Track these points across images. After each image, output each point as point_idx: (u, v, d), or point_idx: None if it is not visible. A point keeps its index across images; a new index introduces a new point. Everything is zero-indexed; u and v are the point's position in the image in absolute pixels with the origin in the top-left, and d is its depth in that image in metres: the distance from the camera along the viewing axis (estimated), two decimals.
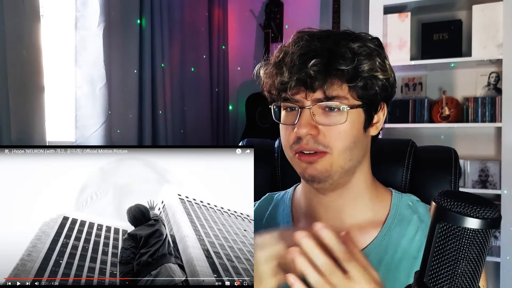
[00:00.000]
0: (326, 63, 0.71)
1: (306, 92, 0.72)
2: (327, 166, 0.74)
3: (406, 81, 2.69)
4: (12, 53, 1.63)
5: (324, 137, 0.73)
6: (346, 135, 0.73)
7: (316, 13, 3.01)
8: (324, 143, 0.73)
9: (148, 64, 2.34)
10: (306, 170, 0.75)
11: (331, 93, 0.72)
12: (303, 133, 0.72)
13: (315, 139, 0.73)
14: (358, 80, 0.72)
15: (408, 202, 0.83)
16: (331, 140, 0.73)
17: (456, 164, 0.96)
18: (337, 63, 0.71)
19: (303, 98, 0.73)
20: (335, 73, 0.71)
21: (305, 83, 0.71)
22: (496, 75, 2.45)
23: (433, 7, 2.49)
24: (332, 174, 0.75)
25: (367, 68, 0.72)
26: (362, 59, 0.72)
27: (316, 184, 0.77)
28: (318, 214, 0.82)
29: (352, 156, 0.75)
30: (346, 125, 0.73)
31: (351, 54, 0.71)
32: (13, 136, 1.63)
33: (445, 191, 0.46)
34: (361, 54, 0.72)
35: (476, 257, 0.43)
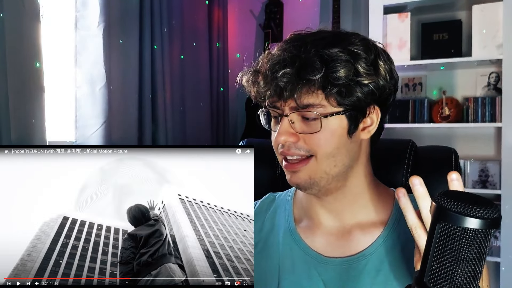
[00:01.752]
0: (296, 73, 0.70)
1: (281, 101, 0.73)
2: (311, 174, 0.74)
3: (406, 81, 2.69)
4: (12, 53, 1.63)
5: (304, 142, 0.73)
6: (326, 142, 0.73)
7: (316, 13, 3.01)
8: (305, 149, 0.73)
9: (148, 64, 2.34)
10: (291, 179, 0.76)
11: (303, 102, 0.71)
12: (281, 140, 0.73)
13: (296, 146, 0.73)
14: (330, 87, 0.70)
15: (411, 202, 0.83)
16: (312, 146, 0.73)
17: (456, 164, 0.96)
18: (306, 73, 0.69)
19: (281, 106, 0.74)
20: (306, 82, 0.70)
21: (277, 93, 0.72)
22: (496, 75, 2.45)
23: (433, 7, 2.49)
24: (317, 181, 0.75)
25: (343, 75, 0.69)
26: (337, 66, 0.70)
27: (303, 190, 0.77)
28: (319, 214, 0.82)
29: (337, 162, 0.74)
30: (324, 133, 0.72)
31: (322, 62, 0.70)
32: (13, 136, 1.63)
33: (445, 191, 0.46)
34: (336, 61, 0.70)
35: (476, 257, 0.43)
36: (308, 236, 0.82)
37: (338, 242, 0.80)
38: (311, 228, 0.82)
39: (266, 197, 0.92)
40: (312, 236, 0.82)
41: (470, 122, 2.42)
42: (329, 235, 0.81)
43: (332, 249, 0.79)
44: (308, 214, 0.84)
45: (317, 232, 0.82)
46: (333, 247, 0.80)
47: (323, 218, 0.82)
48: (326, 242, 0.80)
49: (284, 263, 0.81)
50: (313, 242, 0.81)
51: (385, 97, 0.76)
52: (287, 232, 0.84)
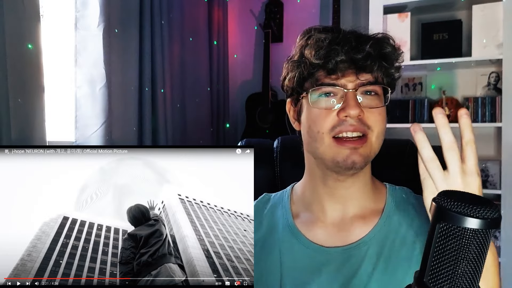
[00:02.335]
0: (378, 45, 0.76)
1: (356, 74, 0.75)
2: (368, 151, 0.76)
3: (406, 81, 2.69)
4: (12, 53, 1.63)
5: (368, 118, 0.75)
6: (383, 119, 0.77)
7: (316, 13, 3.01)
8: (368, 124, 0.75)
9: (148, 64, 2.34)
10: (350, 156, 0.75)
11: (379, 77, 0.76)
12: (355, 113, 0.74)
13: (361, 121, 0.75)
14: (393, 66, 0.78)
15: (402, 194, 0.86)
16: (373, 121, 0.75)
17: None
18: (385, 47, 0.76)
19: (348, 81, 0.75)
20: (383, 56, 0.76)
21: (358, 64, 0.74)
22: (496, 75, 2.45)
23: (433, 7, 2.49)
24: (369, 160, 0.78)
25: (397, 57, 0.78)
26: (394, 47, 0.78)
27: (353, 170, 0.77)
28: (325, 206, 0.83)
29: (382, 142, 0.78)
30: (384, 109, 0.77)
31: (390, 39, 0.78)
32: (13, 136, 1.63)
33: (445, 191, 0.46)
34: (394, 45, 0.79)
35: (476, 257, 0.43)
36: (309, 229, 0.83)
37: (339, 233, 0.81)
38: (311, 222, 0.84)
39: (262, 197, 0.93)
40: (313, 229, 0.83)
41: None
42: (331, 227, 0.82)
43: (333, 240, 0.81)
44: (311, 208, 0.85)
45: (318, 225, 0.83)
46: (334, 237, 0.81)
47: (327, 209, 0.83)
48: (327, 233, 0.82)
49: (286, 260, 0.82)
50: (314, 235, 0.82)
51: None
52: (286, 228, 0.84)
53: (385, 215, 0.81)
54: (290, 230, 0.84)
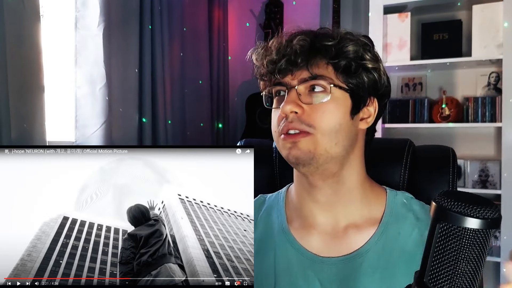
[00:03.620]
0: (311, 41, 0.74)
1: (293, 72, 0.75)
2: (310, 147, 0.74)
3: (406, 81, 2.69)
4: (12, 53, 1.63)
5: (309, 116, 0.73)
6: (331, 115, 0.74)
7: (316, 13, 3.01)
8: (308, 122, 0.73)
9: (148, 64, 2.34)
10: (291, 151, 0.75)
11: (315, 72, 0.74)
12: (288, 109, 0.73)
13: (300, 118, 0.74)
14: (341, 58, 0.74)
15: (403, 199, 0.83)
16: (315, 119, 0.73)
17: (454, 164, 0.96)
18: (322, 40, 0.74)
19: (290, 79, 0.75)
20: (319, 49, 0.74)
21: (291, 61, 0.74)
22: (496, 75, 2.45)
23: (433, 7, 2.49)
24: (316, 156, 0.74)
25: (352, 49, 0.75)
26: (347, 41, 0.75)
27: (301, 167, 0.76)
28: (313, 212, 0.81)
29: (338, 141, 0.75)
30: (330, 105, 0.74)
31: (337, 36, 0.75)
32: (13, 136, 1.63)
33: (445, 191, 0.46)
34: (346, 40, 0.75)
35: (476, 257, 0.43)
36: (303, 236, 0.81)
37: (333, 242, 0.79)
38: (304, 228, 0.82)
39: (257, 198, 0.92)
40: (306, 236, 0.81)
41: (470, 122, 2.42)
42: (324, 234, 0.80)
43: (328, 249, 0.79)
44: (301, 214, 0.83)
45: (311, 232, 0.81)
46: (328, 246, 0.79)
47: (316, 216, 0.81)
48: (321, 241, 0.80)
49: (280, 264, 0.81)
50: (308, 242, 0.80)
51: (382, 94, 0.80)
52: (281, 233, 0.83)
53: (383, 225, 0.79)
54: (285, 235, 0.82)
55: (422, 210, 0.81)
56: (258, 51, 0.80)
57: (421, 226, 0.78)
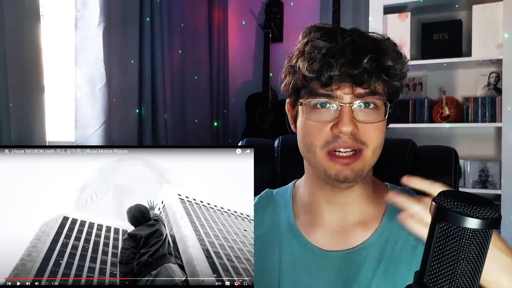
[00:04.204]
0: (377, 59, 0.71)
1: (352, 88, 0.71)
2: (361, 167, 0.74)
3: (406, 81, 2.68)
4: (12, 53, 1.63)
5: (364, 134, 0.72)
6: (381, 133, 0.74)
7: (316, 13, 3.01)
8: (362, 141, 0.72)
9: (148, 64, 2.34)
10: (341, 172, 0.73)
11: (377, 89, 0.73)
12: (348, 130, 0.71)
13: (355, 137, 0.72)
14: (396, 77, 0.73)
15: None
16: (368, 137, 0.72)
17: (456, 164, 0.96)
18: (385, 59, 0.72)
19: (344, 94, 0.72)
20: (383, 69, 0.72)
21: (355, 78, 0.70)
22: (496, 75, 2.45)
23: (433, 7, 2.49)
24: (363, 173, 0.75)
25: (401, 67, 0.74)
26: (399, 57, 0.75)
27: (346, 184, 0.75)
28: (322, 212, 0.82)
29: (378, 155, 0.76)
30: (382, 124, 0.74)
31: (394, 52, 0.74)
32: (13, 136, 1.63)
33: (445, 191, 0.46)
34: (398, 53, 0.75)
35: (476, 257, 0.43)
36: (309, 232, 0.82)
37: (338, 237, 0.80)
38: (311, 224, 0.83)
39: (264, 192, 0.92)
40: (313, 232, 0.82)
41: (470, 122, 2.42)
42: (331, 231, 0.81)
43: (333, 244, 0.80)
44: (310, 210, 0.84)
45: (318, 228, 0.82)
46: (334, 241, 0.80)
47: (326, 214, 0.82)
48: (327, 237, 0.81)
49: (285, 259, 0.81)
50: (314, 237, 0.81)
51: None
52: (287, 228, 0.84)
53: (385, 219, 0.80)
54: (291, 230, 0.83)
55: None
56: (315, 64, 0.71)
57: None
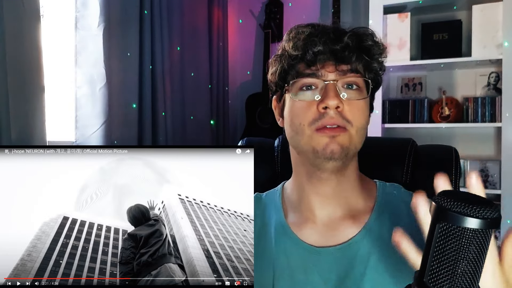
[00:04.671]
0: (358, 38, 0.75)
1: (335, 65, 0.74)
2: (347, 142, 0.74)
3: (406, 81, 2.69)
4: (12, 53, 1.63)
5: (348, 112, 0.74)
6: (364, 113, 0.76)
7: (316, 13, 3.01)
8: (347, 118, 0.74)
9: (148, 64, 2.34)
10: (329, 145, 0.74)
11: (358, 68, 0.75)
12: (334, 104, 0.72)
13: (341, 114, 0.73)
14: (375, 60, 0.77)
15: (393, 191, 0.85)
16: (353, 115, 0.74)
17: (456, 164, 0.96)
18: (365, 40, 0.75)
19: (328, 72, 0.75)
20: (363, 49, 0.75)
21: (337, 54, 0.74)
22: (496, 75, 2.45)
23: (433, 7, 2.49)
24: (349, 152, 0.75)
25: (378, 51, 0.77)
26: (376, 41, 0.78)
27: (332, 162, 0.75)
28: (312, 205, 0.83)
29: (362, 138, 0.77)
30: (365, 102, 0.76)
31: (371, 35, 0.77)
32: (13, 136, 1.63)
33: (445, 191, 0.46)
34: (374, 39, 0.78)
35: (476, 257, 0.43)
36: (300, 229, 0.83)
37: (329, 232, 0.81)
38: (302, 221, 0.83)
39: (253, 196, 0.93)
40: (304, 229, 0.82)
41: (470, 122, 2.42)
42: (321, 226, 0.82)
43: (325, 239, 0.80)
44: (299, 207, 0.84)
45: (309, 225, 0.82)
46: (325, 237, 0.81)
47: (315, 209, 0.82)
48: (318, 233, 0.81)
49: (279, 259, 0.81)
50: (305, 234, 0.82)
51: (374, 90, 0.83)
52: (279, 228, 0.84)
53: (375, 214, 0.81)
54: (283, 229, 0.83)
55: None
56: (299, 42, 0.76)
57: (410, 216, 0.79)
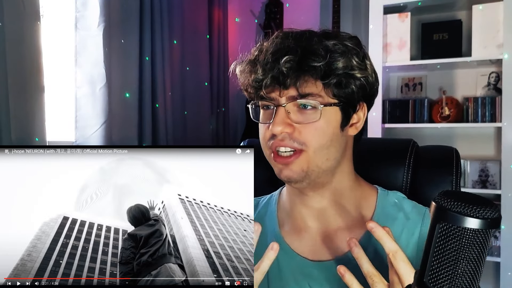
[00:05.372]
0: (299, 60, 0.70)
1: (280, 90, 0.72)
2: (303, 166, 0.73)
3: (406, 81, 2.69)
4: (12, 53, 1.63)
5: (300, 134, 0.72)
6: (322, 133, 0.73)
7: (316, 13, 3.01)
8: (299, 140, 0.72)
9: (148, 64, 2.34)
10: (282, 171, 0.74)
11: (304, 91, 0.72)
12: (278, 131, 0.72)
13: (291, 137, 0.72)
14: (331, 77, 0.71)
15: (394, 199, 0.82)
16: (307, 137, 0.72)
17: (457, 164, 0.96)
18: (310, 60, 0.70)
19: (277, 96, 0.73)
20: (308, 69, 0.70)
21: (278, 80, 0.71)
22: (496, 75, 2.45)
23: (433, 7, 2.49)
24: (309, 174, 0.74)
25: (342, 65, 0.71)
26: (336, 56, 0.71)
27: (293, 184, 0.76)
28: (303, 217, 0.81)
29: (329, 156, 0.74)
30: (321, 123, 0.72)
31: (324, 51, 0.71)
32: (13, 136, 1.63)
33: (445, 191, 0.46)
34: (336, 52, 0.72)
35: (476, 257, 0.43)
36: (294, 240, 0.81)
37: (323, 245, 0.79)
38: (295, 232, 0.82)
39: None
40: (297, 240, 0.81)
41: (470, 122, 2.42)
42: (315, 237, 0.80)
43: (318, 252, 0.79)
44: (292, 217, 0.83)
45: (302, 235, 0.81)
46: (319, 250, 0.79)
47: (307, 220, 0.81)
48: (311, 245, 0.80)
49: (271, 269, 0.79)
50: (299, 246, 0.80)
51: (371, 94, 0.78)
52: (272, 237, 0.83)
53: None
54: (276, 239, 0.82)
55: (414, 209, 0.80)
56: (243, 66, 0.77)
57: (410, 226, 0.77)
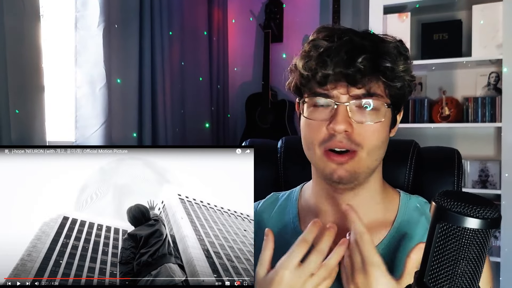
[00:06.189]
0: (373, 60, 0.70)
1: (347, 88, 0.71)
2: (356, 167, 0.73)
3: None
4: (12, 53, 1.63)
5: (358, 135, 0.72)
6: (379, 134, 0.73)
7: (316, 13, 3.01)
8: (357, 141, 0.72)
9: (148, 64, 2.34)
10: (336, 171, 0.73)
11: (374, 90, 0.72)
12: (341, 129, 0.70)
13: (349, 137, 0.71)
14: (396, 79, 0.72)
15: (416, 204, 0.83)
16: (364, 138, 0.72)
17: (459, 165, 0.96)
18: (384, 60, 0.71)
19: (341, 93, 0.72)
20: (382, 70, 0.71)
21: (349, 78, 0.70)
22: (496, 75, 2.45)
23: (433, 7, 2.49)
24: (359, 175, 0.74)
25: (403, 69, 0.73)
26: (400, 57, 0.73)
27: (342, 185, 0.75)
28: (328, 214, 0.81)
29: (378, 156, 0.75)
30: (381, 124, 0.73)
31: (394, 53, 0.73)
32: (13, 136, 1.63)
33: (445, 191, 0.46)
34: (400, 54, 0.74)
35: (476, 257, 0.43)
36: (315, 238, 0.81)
37: None
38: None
39: (270, 196, 0.92)
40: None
41: (470, 122, 2.42)
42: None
43: None
44: (315, 213, 0.83)
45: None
46: None
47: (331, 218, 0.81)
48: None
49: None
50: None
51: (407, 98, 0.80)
52: (293, 233, 0.83)
53: (395, 228, 0.79)
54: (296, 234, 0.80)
55: None
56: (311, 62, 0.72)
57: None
